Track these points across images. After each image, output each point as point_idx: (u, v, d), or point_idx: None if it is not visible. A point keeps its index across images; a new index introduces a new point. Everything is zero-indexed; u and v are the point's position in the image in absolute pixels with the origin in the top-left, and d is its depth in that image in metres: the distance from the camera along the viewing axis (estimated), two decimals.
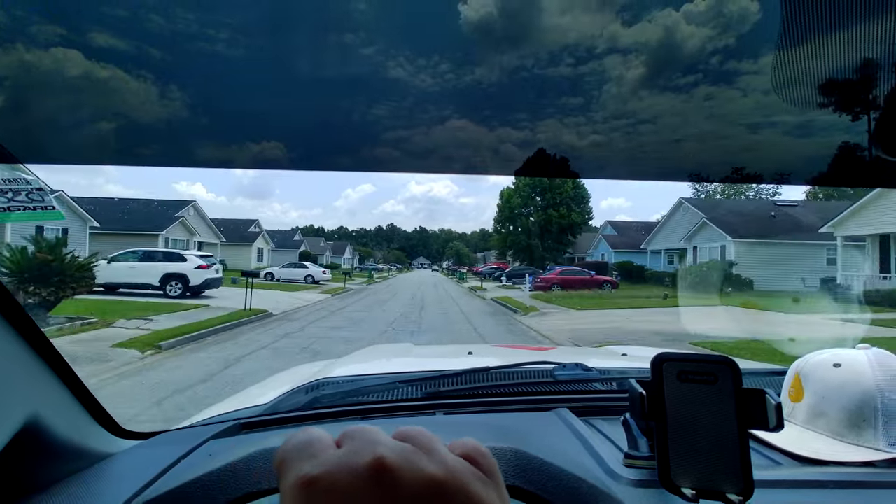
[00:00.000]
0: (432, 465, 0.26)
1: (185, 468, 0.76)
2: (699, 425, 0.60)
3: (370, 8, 0.59)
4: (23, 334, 0.67)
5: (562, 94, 0.63)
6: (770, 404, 0.58)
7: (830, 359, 0.89)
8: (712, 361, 0.61)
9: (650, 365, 0.63)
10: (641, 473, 0.71)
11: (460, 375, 1.16)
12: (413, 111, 0.62)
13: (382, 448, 0.26)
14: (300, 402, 1.12)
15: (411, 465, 0.26)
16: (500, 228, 49.62)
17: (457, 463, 0.27)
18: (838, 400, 0.84)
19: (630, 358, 1.68)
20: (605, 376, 1.20)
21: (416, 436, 0.29)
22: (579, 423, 0.91)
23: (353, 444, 0.27)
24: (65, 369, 0.76)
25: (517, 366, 1.24)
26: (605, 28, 0.59)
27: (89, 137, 0.60)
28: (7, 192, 0.72)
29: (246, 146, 0.62)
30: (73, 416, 0.78)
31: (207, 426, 1.00)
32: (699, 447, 0.59)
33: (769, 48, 0.59)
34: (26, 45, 0.55)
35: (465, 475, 0.27)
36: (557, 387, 1.14)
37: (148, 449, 0.89)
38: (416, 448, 0.27)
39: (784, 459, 0.81)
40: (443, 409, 1.06)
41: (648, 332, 10.26)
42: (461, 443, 0.30)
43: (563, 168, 0.66)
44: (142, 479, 0.72)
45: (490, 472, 0.28)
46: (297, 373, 1.66)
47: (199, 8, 0.57)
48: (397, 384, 1.15)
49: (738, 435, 0.58)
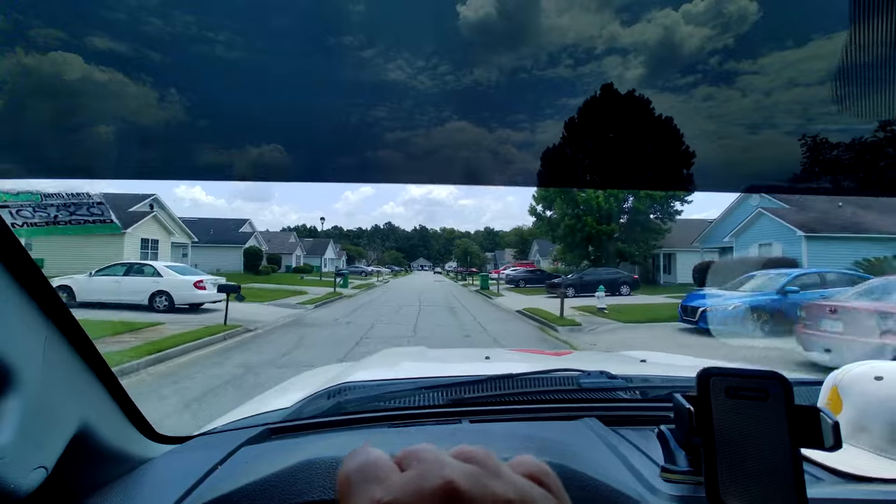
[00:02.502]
0: (503, 487, 0.26)
1: (224, 476, 0.77)
2: (749, 442, 0.58)
3: (368, 10, 0.59)
4: (72, 342, 0.68)
5: (561, 95, 0.63)
6: (826, 422, 0.57)
7: (870, 371, 0.86)
8: (762, 377, 0.59)
9: (696, 379, 0.61)
10: (681, 489, 0.69)
11: (484, 382, 1.16)
12: (412, 113, 0.62)
13: (450, 471, 0.26)
14: (324, 406, 1.12)
15: (483, 488, 0.25)
16: (544, 210, 30.18)
17: (526, 484, 0.27)
18: (881, 414, 0.81)
19: (650, 364, 1.66)
20: (631, 385, 1.19)
21: (479, 456, 0.28)
22: (609, 434, 0.90)
23: (419, 466, 0.27)
24: (107, 374, 0.77)
25: (541, 373, 1.23)
26: (604, 28, 0.59)
27: (88, 139, 0.60)
28: (65, 206, 0.74)
29: (245, 149, 0.62)
30: (116, 422, 0.80)
31: (237, 431, 1.01)
32: (749, 466, 0.57)
33: (769, 48, 0.59)
34: (26, 49, 0.56)
35: (536, 497, 0.27)
36: (583, 395, 1.13)
37: (184, 454, 0.90)
38: (483, 470, 0.27)
39: (825, 475, 0.78)
40: (468, 416, 1.06)
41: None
42: (522, 462, 0.30)
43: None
44: (182, 485, 0.74)
45: (557, 492, 0.28)
46: (316, 376, 1.66)
47: (198, 11, 0.57)
48: (421, 390, 1.15)
49: (792, 454, 0.56)
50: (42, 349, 0.62)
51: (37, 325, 0.62)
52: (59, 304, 0.64)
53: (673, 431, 0.73)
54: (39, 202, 0.70)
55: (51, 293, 0.63)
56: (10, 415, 0.54)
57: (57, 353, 0.65)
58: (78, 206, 0.73)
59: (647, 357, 1.86)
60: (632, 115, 0.63)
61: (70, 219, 0.73)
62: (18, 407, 0.55)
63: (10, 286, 0.57)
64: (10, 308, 0.57)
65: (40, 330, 0.62)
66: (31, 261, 0.59)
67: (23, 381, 0.56)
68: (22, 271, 0.59)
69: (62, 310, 0.65)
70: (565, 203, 27.97)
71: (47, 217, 0.70)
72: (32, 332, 0.61)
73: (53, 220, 0.72)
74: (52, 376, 0.63)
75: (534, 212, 30.19)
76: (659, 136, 0.63)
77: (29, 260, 0.59)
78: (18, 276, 0.58)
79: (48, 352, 0.62)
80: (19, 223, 0.70)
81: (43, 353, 0.61)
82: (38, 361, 0.60)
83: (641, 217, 26.88)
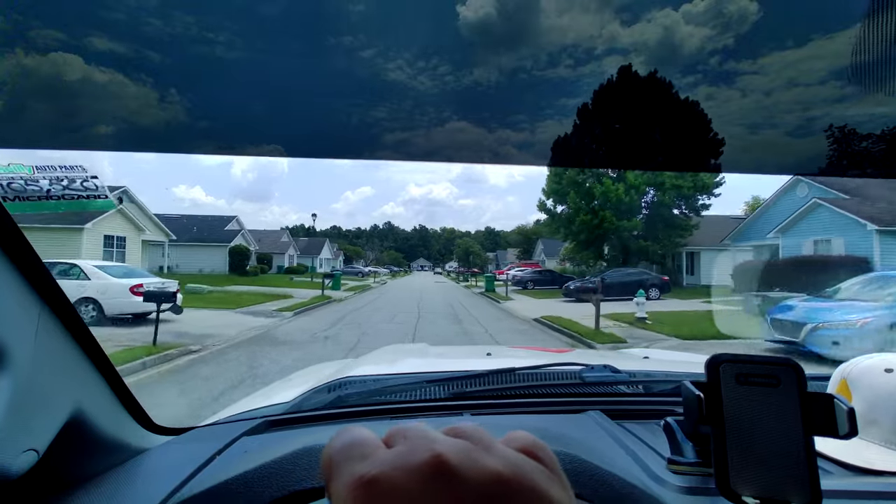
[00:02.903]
0: (494, 461, 0.25)
1: (222, 465, 0.76)
2: (760, 430, 0.57)
3: (368, 10, 0.59)
4: (69, 328, 0.67)
5: (561, 96, 0.63)
6: (840, 409, 0.56)
7: (880, 363, 0.85)
8: (774, 363, 0.58)
9: (705, 366, 0.60)
10: (689, 480, 0.68)
11: (486, 376, 1.15)
12: (412, 113, 0.62)
13: (440, 445, 0.25)
14: (324, 400, 1.11)
15: (473, 461, 0.24)
16: (555, 205, 26.43)
17: (518, 457, 0.26)
18: (892, 407, 0.81)
19: (652, 361, 1.66)
20: (634, 379, 1.19)
21: (471, 432, 0.27)
22: (613, 426, 0.90)
23: (407, 442, 0.26)
24: (104, 363, 0.75)
25: (543, 367, 1.22)
26: (603, 28, 0.59)
27: (89, 140, 0.60)
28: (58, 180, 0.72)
29: (245, 149, 0.62)
30: (112, 411, 0.79)
31: (236, 423, 1.00)
32: (761, 454, 0.56)
33: (769, 48, 0.59)
34: (26, 50, 0.56)
35: (530, 469, 0.26)
36: (587, 388, 1.12)
37: (181, 445, 0.89)
38: (473, 444, 0.26)
39: (834, 468, 0.78)
40: (470, 409, 1.05)
41: None
42: (515, 436, 0.28)
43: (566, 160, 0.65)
44: (179, 475, 0.73)
45: (551, 465, 0.27)
46: (317, 371, 1.66)
47: (198, 11, 0.57)
48: (423, 384, 1.14)
49: (805, 442, 0.55)
50: (35, 329, 0.60)
51: (29, 303, 0.59)
52: (54, 286, 0.62)
53: (680, 423, 0.72)
54: (31, 175, 0.68)
55: (44, 273, 0.61)
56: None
57: (50, 335, 0.63)
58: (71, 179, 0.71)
59: (649, 354, 1.86)
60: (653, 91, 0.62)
61: (63, 193, 0.71)
62: (7, 386, 0.53)
63: (1, 262, 0.55)
64: (1, 284, 0.55)
65: (32, 309, 0.60)
66: (24, 237, 0.57)
67: (13, 360, 0.54)
68: (13, 247, 0.57)
69: (56, 291, 0.63)
70: (580, 196, 24.80)
71: (39, 191, 0.68)
72: (24, 311, 0.59)
73: (46, 194, 0.69)
74: (45, 357, 0.61)
75: (543, 207, 26.52)
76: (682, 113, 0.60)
77: (21, 236, 0.57)
78: (10, 253, 0.56)
79: (41, 332, 0.60)
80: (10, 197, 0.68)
81: (35, 333, 0.59)
82: (29, 341, 0.58)
83: (665, 211, 24.24)
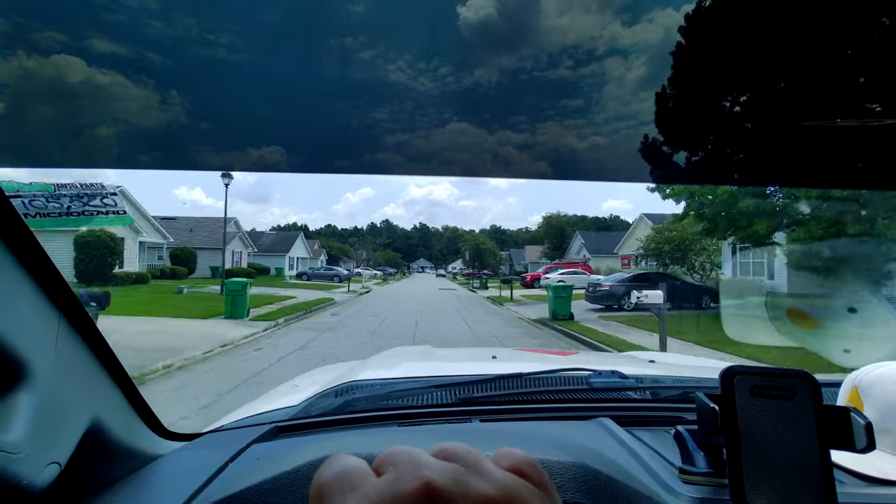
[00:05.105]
0: (484, 485, 0.25)
1: (235, 473, 0.77)
2: (776, 443, 0.56)
3: (368, 11, 0.59)
4: (84, 336, 0.67)
5: (562, 97, 0.63)
6: (857, 423, 0.55)
7: (891, 372, 0.85)
8: (789, 375, 0.57)
9: (720, 378, 0.60)
10: (702, 490, 0.67)
11: (494, 381, 1.14)
12: (413, 114, 0.62)
13: (427, 471, 0.24)
14: (332, 405, 1.11)
15: (463, 486, 0.24)
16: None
17: (508, 479, 0.26)
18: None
19: (659, 365, 1.65)
20: (642, 385, 1.17)
21: (460, 453, 0.27)
22: (623, 434, 0.89)
23: (395, 470, 0.25)
24: (118, 369, 0.76)
25: (551, 372, 1.21)
26: (604, 29, 0.59)
27: (90, 142, 0.60)
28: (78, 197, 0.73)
29: (246, 151, 0.62)
30: (128, 417, 0.79)
31: (245, 429, 1.01)
32: (776, 466, 0.56)
33: None
34: (28, 52, 0.56)
35: (520, 492, 0.25)
36: (595, 395, 1.12)
37: (193, 451, 0.90)
38: (463, 467, 0.26)
39: (846, 478, 0.77)
40: (478, 415, 1.04)
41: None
42: (505, 454, 0.28)
43: (564, 171, 0.66)
44: (193, 483, 0.73)
45: (542, 484, 0.27)
46: (322, 375, 1.66)
47: (199, 13, 0.57)
48: (430, 388, 1.14)
49: (821, 454, 0.55)
50: (55, 342, 0.60)
51: (49, 318, 0.60)
52: (71, 297, 0.63)
53: (691, 432, 0.71)
54: (52, 192, 0.70)
55: (62, 285, 0.61)
56: (25, 409, 0.52)
57: (69, 347, 0.63)
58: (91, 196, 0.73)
59: (655, 358, 1.85)
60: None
61: (83, 209, 0.73)
62: (32, 401, 0.53)
63: (22, 278, 0.56)
64: (22, 300, 0.55)
65: (52, 323, 0.60)
66: (43, 252, 0.58)
67: (36, 375, 0.54)
68: (34, 262, 0.57)
69: (74, 303, 0.63)
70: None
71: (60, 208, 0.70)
72: (45, 325, 0.59)
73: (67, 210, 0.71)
74: (65, 370, 0.62)
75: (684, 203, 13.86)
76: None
77: (41, 251, 0.57)
78: (30, 268, 0.56)
79: (61, 345, 0.61)
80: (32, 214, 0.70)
81: (56, 347, 0.60)
82: (50, 355, 0.58)
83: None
